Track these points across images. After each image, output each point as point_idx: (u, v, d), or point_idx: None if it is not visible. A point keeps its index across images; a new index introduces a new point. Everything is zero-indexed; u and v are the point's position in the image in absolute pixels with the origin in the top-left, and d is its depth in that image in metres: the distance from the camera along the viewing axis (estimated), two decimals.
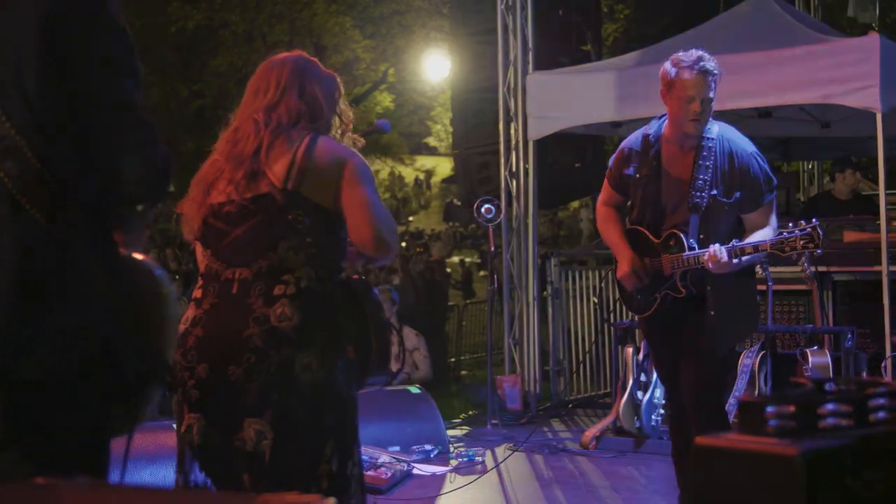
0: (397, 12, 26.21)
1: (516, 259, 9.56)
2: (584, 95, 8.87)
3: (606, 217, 5.57)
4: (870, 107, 7.55)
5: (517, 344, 9.50)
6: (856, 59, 7.64)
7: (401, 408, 7.74)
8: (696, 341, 5.23)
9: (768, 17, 9.02)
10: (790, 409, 2.48)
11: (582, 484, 6.90)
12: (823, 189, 12.17)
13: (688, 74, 5.11)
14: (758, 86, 8.05)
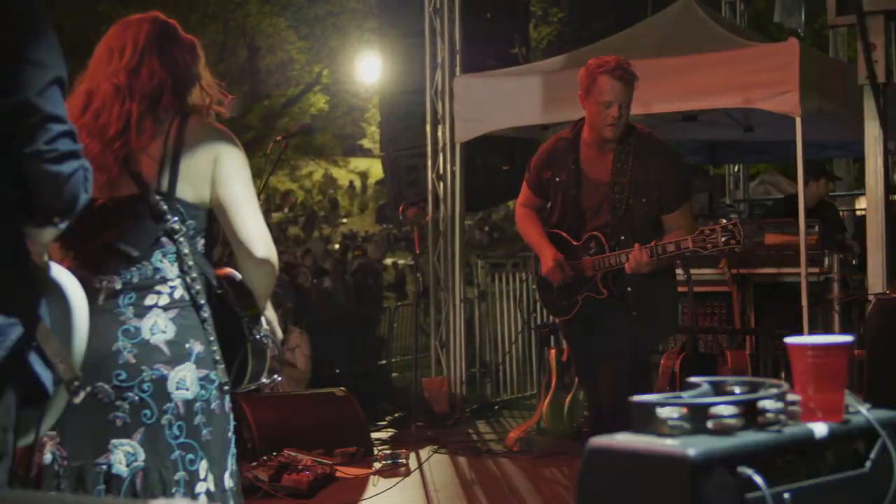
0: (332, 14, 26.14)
1: (443, 261, 9.58)
2: (511, 98, 8.91)
3: (525, 217, 5.64)
4: (789, 111, 7.65)
5: (444, 346, 9.52)
6: (775, 65, 7.73)
7: (324, 410, 7.73)
8: (616, 342, 5.29)
9: (692, 21, 9.12)
10: (682, 410, 2.52)
11: (504, 485, 6.94)
12: (754, 193, 12.32)
13: (605, 79, 5.18)
14: (682, 90, 8.13)
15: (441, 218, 9.58)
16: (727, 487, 2.47)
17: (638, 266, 5.06)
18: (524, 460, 7.49)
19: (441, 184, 9.57)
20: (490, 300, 9.87)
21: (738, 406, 2.57)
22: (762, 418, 2.61)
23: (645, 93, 8.12)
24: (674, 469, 2.42)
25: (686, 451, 2.41)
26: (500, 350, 9.93)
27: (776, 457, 2.56)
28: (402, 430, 8.68)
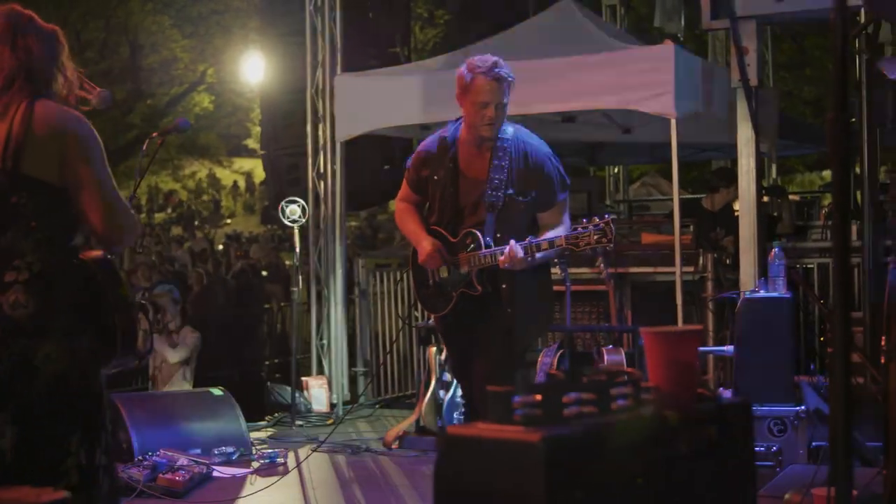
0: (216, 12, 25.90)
1: (324, 261, 9.55)
2: (392, 98, 8.92)
3: (404, 211, 5.69)
4: (665, 113, 7.78)
5: (325, 346, 9.50)
6: (652, 67, 7.86)
7: (202, 410, 7.64)
8: (490, 338, 5.33)
9: (571, 24, 9.23)
10: (536, 399, 2.56)
11: (382, 483, 6.93)
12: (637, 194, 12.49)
13: (482, 80, 5.23)
14: (560, 91, 8.21)
15: (321, 217, 9.55)
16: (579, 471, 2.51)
17: (512, 262, 5.10)
18: (402, 458, 7.50)
19: (322, 183, 9.54)
20: (371, 299, 9.86)
21: (592, 394, 2.62)
22: (616, 406, 2.67)
23: (524, 94, 8.20)
24: (527, 456, 2.46)
25: (538, 437, 2.45)
26: (381, 349, 9.92)
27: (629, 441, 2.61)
28: (281, 430, 8.64)
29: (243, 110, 31.55)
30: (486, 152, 5.33)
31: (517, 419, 2.55)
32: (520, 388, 2.59)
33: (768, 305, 6.22)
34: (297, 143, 9.91)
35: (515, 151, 5.30)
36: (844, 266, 2.59)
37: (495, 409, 2.61)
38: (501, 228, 5.27)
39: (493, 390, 2.63)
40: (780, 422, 6.00)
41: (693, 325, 7.60)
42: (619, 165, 13.70)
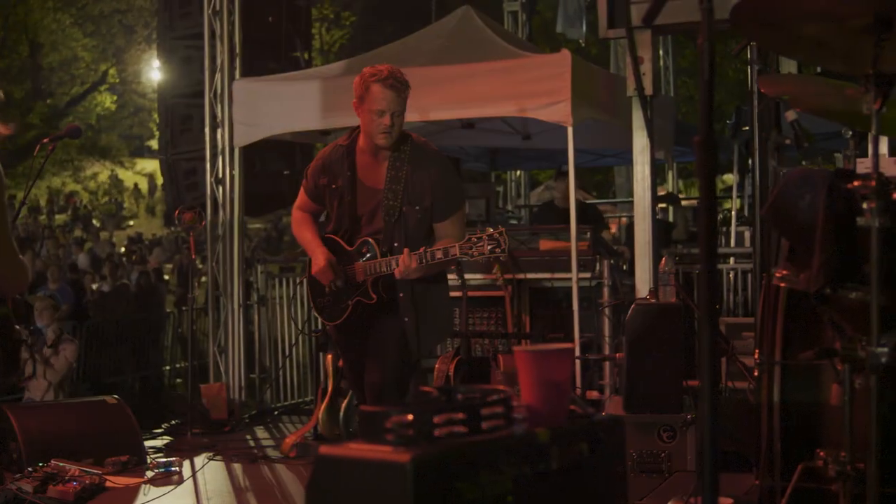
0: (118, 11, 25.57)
1: (222, 266, 9.48)
2: (291, 103, 8.89)
3: (300, 220, 5.71)
4: (561, 121, 7.86)
5: (222, 352, 9.43)
6: (549, 75, 7.93)
7: (95, 418, 7.53)
8: (387, 348, 5.35)
9: (470, 30, 9.28)
10: (407, 419, 2.57)
11: (278, 493, 6.90)
12: (540, 198, 12.59)
13: (378, 88, 5.23)
14: (459, 98, 8.25)
15: (220, 222, 9.48)
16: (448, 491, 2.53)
17: (407, 272, 5.12)
18: (299, 466, 7.46)
19: (220, 188, 9.47)
20: (271, 305, 9.81)
21: (463, 414, 2.65)
22: (487, 424, 2.69)
23: (423, 100, 8.29)
24: (395, 476, 2.47)
25: (407, 458, 2.47)
26: (280, 355, 9.88)
27: (500, 460, 2.63)
28: (177, 438, 8.55)
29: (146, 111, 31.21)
30: (384, 161, 5.34)
31: (388, 439, 2.56)
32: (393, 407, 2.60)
33: (658, 312, 6.31)
34: (196, 147, 9.83)
35: (412, 161, 5.32)
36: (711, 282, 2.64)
37: (367, 429, 2.62)
38: (397, 238, 5.28)
39: (364, 410, 2.65)
40: (670, 428, 6.08)
41: (566, 343, 7.69)
42: (520, 170, 13.80)
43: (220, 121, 9.50)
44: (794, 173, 3.41)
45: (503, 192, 14.21)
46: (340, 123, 9.11)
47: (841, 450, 3.26)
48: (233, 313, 9.40)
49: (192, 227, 8.69)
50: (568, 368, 2.85)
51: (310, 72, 9.65)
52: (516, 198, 13.80)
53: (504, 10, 13.43)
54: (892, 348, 2.89)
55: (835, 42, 3.11)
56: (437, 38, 9.36)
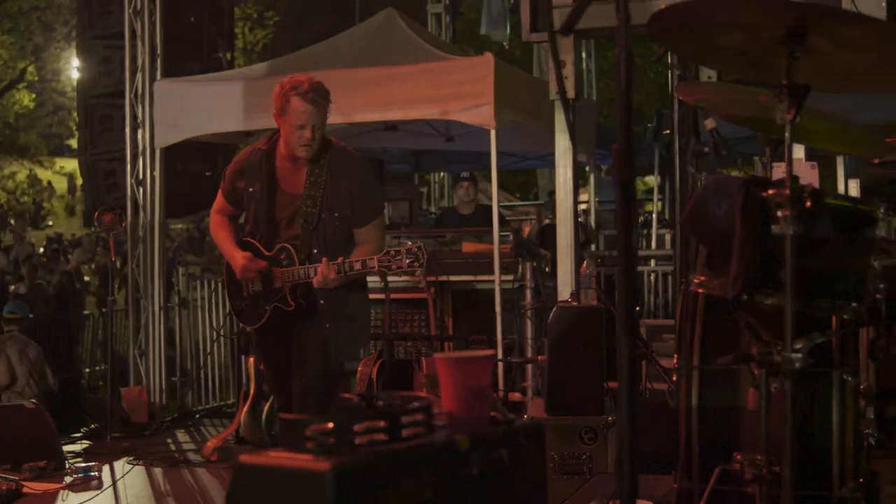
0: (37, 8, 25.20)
1: (143, 268, 9.39)
2: (213, 104, 8.83)
3: (218, 223, 5.67)
4: (484, 123, 7.90)
5: (143, 355, 9.34)
6: (471, 78, 7.97)
7: (12, 423, 7.42)
8: (307, 354, 5.33)
9: (394, 33, 9.29)
10: (328, 427, 2.57)
11: (199, 497, 6.86)
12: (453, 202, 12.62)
13: (298, 102, 5.20)
14: (382, 100, 8.26)
15: (141, 224, 9.38)
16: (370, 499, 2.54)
17: (325, 281, 5.11)
18: (221, 470, 7.41)
19: (141, 189, 9.37)
20: (192, 307, 9.72)
21: (383, 422, 2.65)
22: (407, 432, 2.70)
23: (346, 102, 8.27)
24: (316, 485, 2.47)
25: (327, 466, 2.47)
26: (202, 358, 9.80)
27: (420, 468, 2.64)
28: (97, 442, 8.45)
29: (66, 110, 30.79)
30: (303, 167, 5.32)
31: (309, 447, 2.56)
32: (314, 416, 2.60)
33: (579, 315, 6.36)
34: (116, 148, 9.72)
35: (332, 167, 5.29)
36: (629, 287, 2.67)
37: (287, 437, 2.62)
38: (316, 244, 5.27)
39: (286, 418, 2.64)
40: (591, 430, 6.13)
41: (488, 345, 7.74)
42: (444, 172, 13.84)
43: (140, 121, 9.40)
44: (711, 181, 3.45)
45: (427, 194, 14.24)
46: (263, 125, 9.05)
47: (757, 453, 3.31)
48: (153, 316, 9.30)
49: (112, 228, 8.59)
50: (488, 375, 2.87)
51: (232, 73, 9.59)
52: (440, 199, 13.84)
53: (428, 11, 13.45)
54: (806, 353, 2.95)
55: (750, 52, 3.16)
56: (360, 40, 9.35)
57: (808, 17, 2.98)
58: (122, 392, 9.01)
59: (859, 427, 3.53)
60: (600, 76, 18.50)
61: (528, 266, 8.53)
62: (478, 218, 9.73)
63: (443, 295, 8.70)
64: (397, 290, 8.36)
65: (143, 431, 8.72)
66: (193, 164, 10.06)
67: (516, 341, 8.45)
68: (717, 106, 3.99)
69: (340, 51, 9.18)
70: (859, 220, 3.29)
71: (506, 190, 17.80)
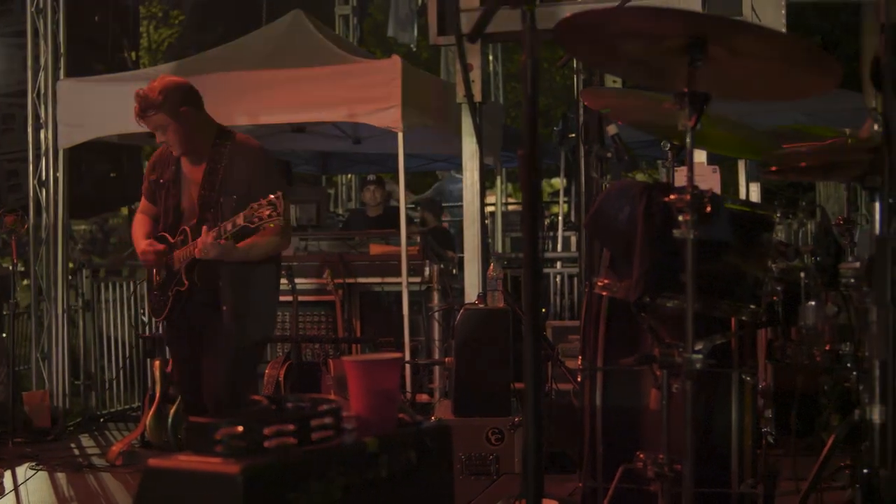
0: None
1: (45, 270, 9.25)
2: (118, 104, 8.66)
3: (137, 221, 5.84)
4: (391, 126, 7.93)
5: (46, 358, 9.20)
6: (379, 81, 7.99)
7: None
8: (212, 334, 5.39)
9: (301, 34, 9.27)
10: (238, 430, 2.59)
11: (103, 500, 6.80)
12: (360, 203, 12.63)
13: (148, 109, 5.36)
14: (290, 102, 8.23)
15: (44, 225, 9.25)
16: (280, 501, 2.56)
17: (205, 248, 5.18)
18: (126, 474, 7.34)
19: (43, 190, 9.23)
20: (96, 309, 9.60)
21: (293, 425, 2.67)
22: (317, 435, 2.72)
23: (253, 104, 8.26)
24: (225, 487, 2.49)
25: (236, 469, 2.49)
26: (107, 361, 9.68)
27: (329, 470, 2.67)
28: None
29: None
30: (204, 158, 5.41)
31: (218, 451, 2.57)
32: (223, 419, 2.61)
33: (486, 317, 6.41)
34: (18, 148, 9.54)
35: (231, 155, 5.42)
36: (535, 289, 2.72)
37: (196, 441, 2.63)
38: (213, 225, 5.34)
39: (195, 421, 2.65)
40: (498, 430, 6.19)
41: (395, 347, 7.78)
42: (351, 174, 13.84)
43: (43, 121, 9.26)
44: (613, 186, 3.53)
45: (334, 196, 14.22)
46: None
47: (659, 452, 3.39)
48: (57, 318, 9.17)
49: (14, 230, 8.46)
50: (396, 378, 2.91)
51: (138, 73, 9.49)
52: (347, 201, 13.83)
53: (336, 13, 13.43)
54: (706, 354, 3.03)
55: (652, 61, 3.24)
56: (267, 42, 9.32)
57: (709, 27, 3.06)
58: (24, 396, 8.88)
59: (758, 425, 3.63)
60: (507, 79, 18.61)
61: (436, 268, 8.57)
62: (386, 220, 9.76)
63: (350, 297, 8.71)
64: (305, 292, 8.36)
65: (46, 436, 8.59)
66: (98, 164, 9.93)
67: (424, 343, 8.50)
68: (621, 112, 4.07)
69: (248, 52, 9.15)
70: (757, 224, 3.39)
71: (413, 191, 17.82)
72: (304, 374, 7.72)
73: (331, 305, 8.56)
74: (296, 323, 7.97)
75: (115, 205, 11.17)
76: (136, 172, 9.98)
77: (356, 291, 8.79)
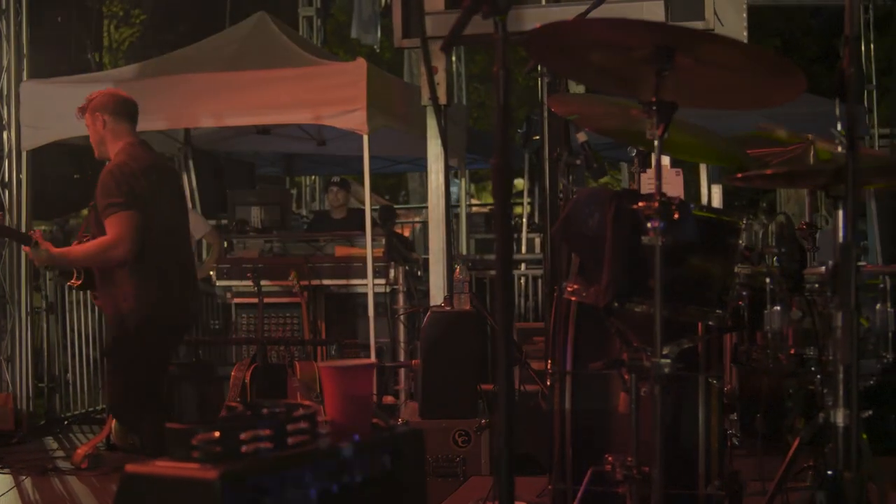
0: None
1: (8, 272, 9.20)
2: None
3: None
4: (356, 128, 7.94)
5: (9, 360, 9.15)
6: (344, 83, 8.00)
7: None
8: None
9: (266, 36, 9.27)
10: (214, 436, 2.61)
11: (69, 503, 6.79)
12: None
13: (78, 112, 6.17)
14: (255, 104, 8.23)
15: None
16: None
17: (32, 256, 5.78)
18: (92, 477, 7.33)
19: (6, 192, 9.19)
20: (60, 311, 9.56)
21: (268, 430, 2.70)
22: (293, 440, 2.75)
23: (218, 105, 8.26)
24: (203, 493, 2.51)
25: (214, 474, 2.51)
26: (69, 363, 9.64)
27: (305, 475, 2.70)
28: None
29: None
30: None
31: (195, 456, 2.60)
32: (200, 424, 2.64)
33: (452, 319, 6.46)
34: None
35: None
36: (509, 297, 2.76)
37: (173, 446, 2.65)
38: (93, 230, 5.88)
39: (173, 427, 2.67)
40: (465, 433, 6.24)
41: (360, 355, 7.82)
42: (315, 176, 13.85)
43: (6, 123, 9.22)
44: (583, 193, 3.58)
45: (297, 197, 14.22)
46: None
47: (627, 454, 3.44)
48: (20, 321, 9.13)
49: None
50: (370, 383, 2.95)
51: (102, 74, 9.46)
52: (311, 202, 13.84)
53: (300, 14, 13.43)
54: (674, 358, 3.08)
55: (620, 70, 3.29)
56: (232, 44, 9.32)
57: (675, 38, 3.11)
58: None
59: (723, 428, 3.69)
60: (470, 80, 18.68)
61: (402, 270, 8.59)
62: (350, 222, 9.78)
63: (315, 299, 8.73)
64: (270, 293, 8.37)
65: (10, 439, 8.56)
66: (62, 166, 9.90)
67: (388, 345, 8.52)
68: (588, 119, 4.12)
69: (212, 53, 9.14)
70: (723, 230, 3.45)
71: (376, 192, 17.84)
72: (269, 376, 7.73)
73: (296, 307, 8.56)
74: (261, 325, 7.98)
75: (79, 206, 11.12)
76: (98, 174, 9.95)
77: (321, 293, 8.82)
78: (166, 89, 8.37)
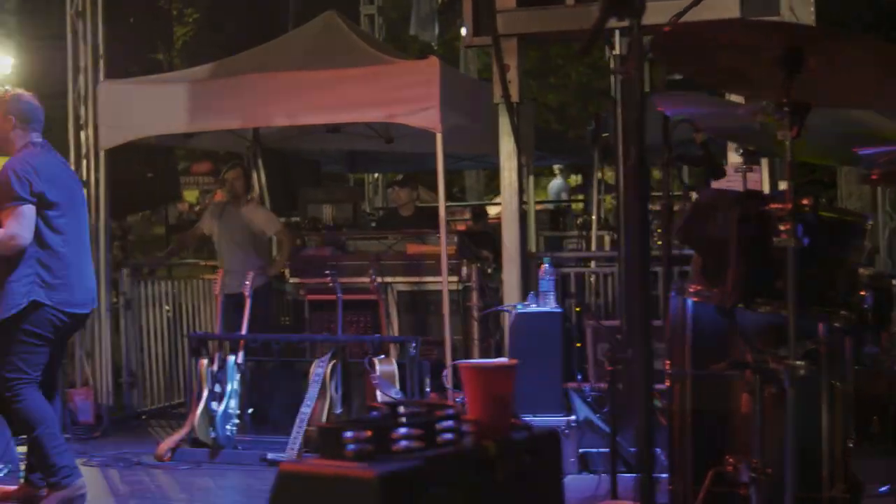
0: None
1: None
2: (156, 106, 8.79)
3: None
4: (430, 127, 7.95)
5: (89, 356, 9.26)
6: (417, 81, 8.02)
7: None
8: None
9: (337, 36, 9.30)
10: (367, 434, 2.66)
11: (158, 496, 6.88)
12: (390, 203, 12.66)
13: None
14: (327, 103, 8.27)
15: None
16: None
17: None
18: (176, 471, 7.43)
19: (85, 191, 9.28)
20: (136, 308, 9.67)
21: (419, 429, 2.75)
22: (440, 439, 2.80)
23: (292, 105, 8.32)
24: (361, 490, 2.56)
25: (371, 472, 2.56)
26: (146, 359, 9.75)
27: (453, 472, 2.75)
28: None
29: None
30: None
31: (348, 454, 2.64)
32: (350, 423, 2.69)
33: (540, 320, 6.49)
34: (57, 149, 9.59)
35: None
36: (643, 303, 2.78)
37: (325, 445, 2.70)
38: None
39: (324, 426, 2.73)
40: None
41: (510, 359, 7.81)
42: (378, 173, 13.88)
43: (83, 123, 9.33)
44: (705, 194, 3.60)
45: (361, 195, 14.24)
46: (204, 126, 9.10)
47: (749, 455, 3.45)
48: (99, 316, 9.22)
49: None
50: (511, 383, 2.98)
51: (176, 74, 9.57)
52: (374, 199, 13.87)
53: (361, 13, 13.45)
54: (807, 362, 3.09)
55: (748, 71, 3.29)
56: (302, 43, 9.36)
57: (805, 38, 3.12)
58: (69, 393, 8.95)
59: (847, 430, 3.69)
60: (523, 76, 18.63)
61: (475, 268, 8.61)
62: (418, 220, 9.81)
63: (387, 297, 8.75)
64: (347, 291, 8.38)
65: (93, 433, 8.67)
66: (135, 165, 10.02)
67: (461, 342, 8.53)
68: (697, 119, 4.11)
69: (283, 53, 9.19)
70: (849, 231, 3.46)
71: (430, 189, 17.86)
72: (348, 373, 7.79)
73: (366, 304, 8.57)
74: (339, 322, 8.03)
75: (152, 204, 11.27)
76: (172, 172, 10.08)
77: (395, 290, 8.85)
78: (240, 89, 8.44)
